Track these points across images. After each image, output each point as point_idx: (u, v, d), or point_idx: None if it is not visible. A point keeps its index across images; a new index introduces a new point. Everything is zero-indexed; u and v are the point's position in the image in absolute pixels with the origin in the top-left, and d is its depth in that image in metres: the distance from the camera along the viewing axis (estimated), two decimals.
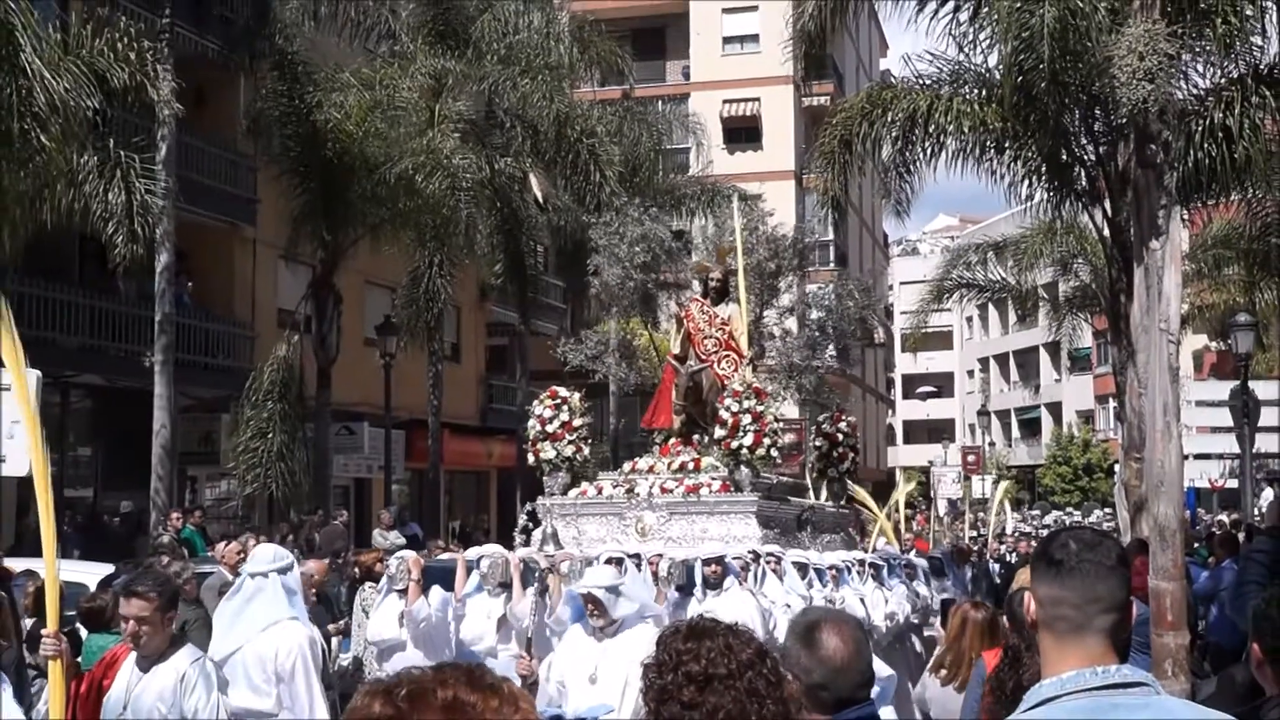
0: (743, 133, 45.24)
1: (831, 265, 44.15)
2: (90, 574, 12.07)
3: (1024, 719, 2.68)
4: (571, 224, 27.36)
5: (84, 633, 10.34)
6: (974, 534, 34.03)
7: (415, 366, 26.96)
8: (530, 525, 13.85)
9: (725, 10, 46.52)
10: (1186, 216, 16.79)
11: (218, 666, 6.65)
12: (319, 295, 23.99)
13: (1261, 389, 22.44)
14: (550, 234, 29.34)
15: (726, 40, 46.93)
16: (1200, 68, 14.51)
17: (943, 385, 78.35)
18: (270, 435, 20.72)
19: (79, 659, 9.80)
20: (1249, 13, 13.67)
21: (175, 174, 19.24)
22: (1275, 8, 14.01)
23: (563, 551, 11.66)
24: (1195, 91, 14.42)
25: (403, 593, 9.53)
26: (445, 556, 13.77)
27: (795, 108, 44.55)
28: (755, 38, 44.67)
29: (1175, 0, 13.53)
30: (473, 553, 11.22)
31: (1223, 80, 14.49)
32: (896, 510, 21.25)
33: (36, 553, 14.43)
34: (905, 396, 76.03)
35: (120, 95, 15.71)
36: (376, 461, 27.70)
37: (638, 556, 11.08)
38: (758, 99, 45.49)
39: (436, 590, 9.55)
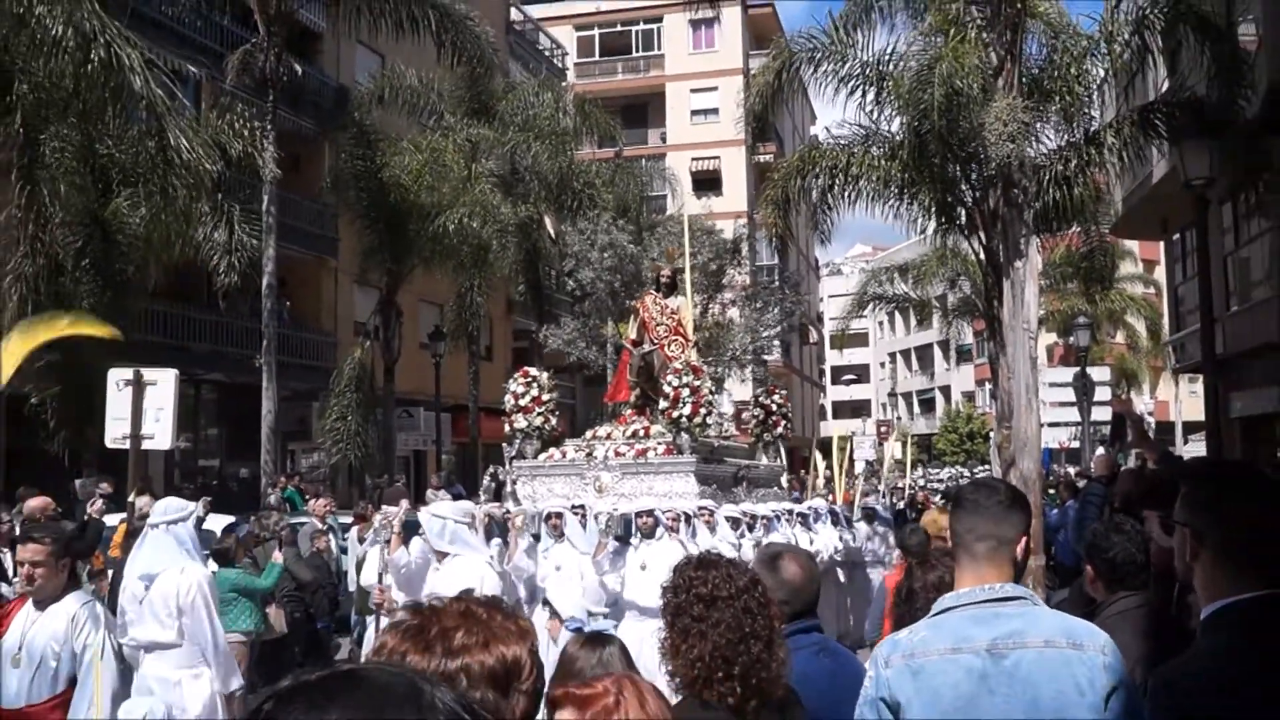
0: (707, 182, 45.25)
1: (776, 283, 44.36)
2: (219, 525, 12.19)
3: (928, 622, 2.66)
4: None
5: (214, 566, 10.46)
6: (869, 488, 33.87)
7: (458, 364, 26.99)
8: (493, 485, 12.92)
9: (693, 90, 46.65)
10: (1040, 243, 16.94)
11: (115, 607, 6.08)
12: (385, 310, 24.04)
13: (1096, 373, 22.60)
14: (560, 261, 29.39)
15: (694, 113, 46.97)
16: (1049, 132, 14.62)
17: (861, 374, 78.50)
18: (349, 418, 20.68)
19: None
20: (1081, 92, 13.87)
21: (276, 220, 19.27)
22: (1099, 90, 14.22)
23: (518, 507, 10.96)
24: (1045, 150, 14.52)
25: (388, 543, 8.56)
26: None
27: (747, 164, 44.62)
28: (716, 111, 44.72)
29: (1029, 82, 13.75)
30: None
31: (1065, 142, 14.60)
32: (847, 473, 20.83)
33: None
34: (833, 382, 75.96)
35: (236, 161, 15.81)
36: (429, 437, 27.75)
37: (583, 508, 10.32)
38: (718, 157, 45.52)
39: (416, 541, 8.42)
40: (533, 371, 13.89)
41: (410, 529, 8.59)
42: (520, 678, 1.62)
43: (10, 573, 8.43)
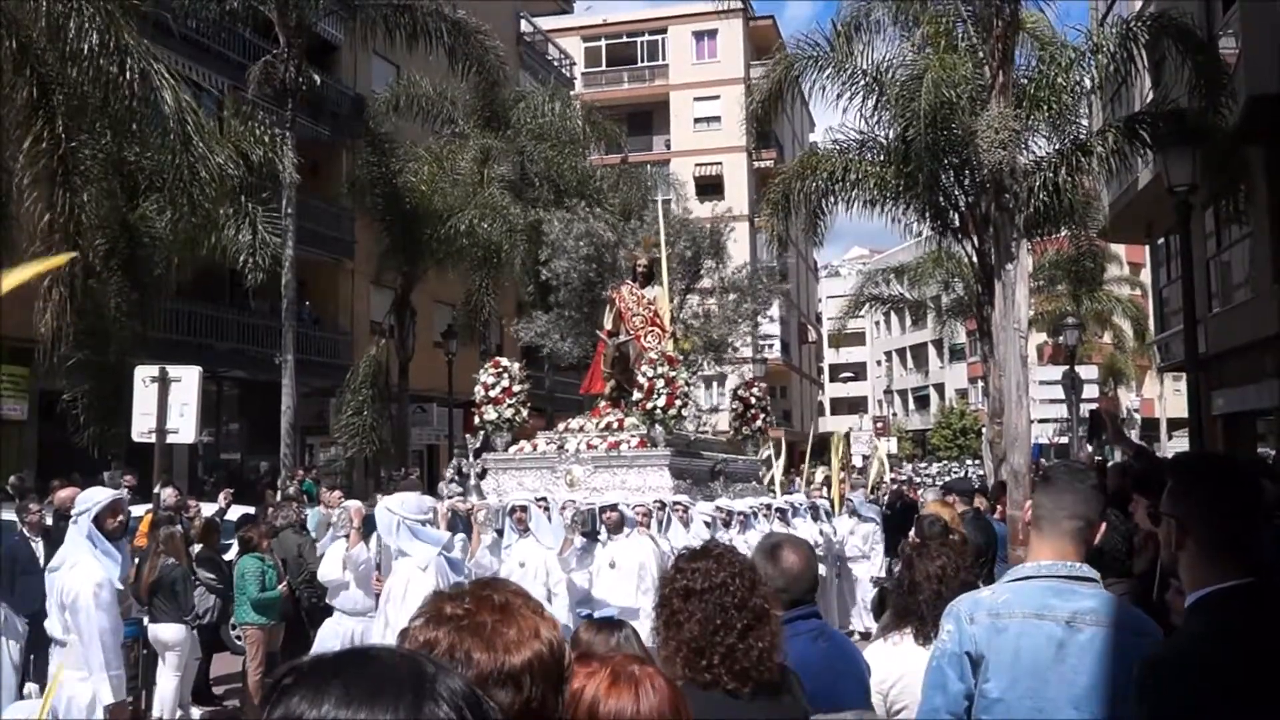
0: (710, 187, 45.14)
1: (778, 283, 44.32)
2: (241, 514, 12.25)
3: (1009, 585, 2.68)
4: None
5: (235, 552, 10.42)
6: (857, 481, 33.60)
7: (470, 361, 26.95)
8: (455, 479, 12.46)
9: (696, 99, 46.67)
10: (1030, 247, 16.91)
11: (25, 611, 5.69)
12: (399, 310, 24.07)
13: (1083, 371, 22.63)
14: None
15: (697, 120, 47.00)
16: (1039, 140, 14.63)
17: (858, 371, 78.39)
18: (365, 413, 20.63)
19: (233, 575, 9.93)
20: (1069, 102, 13.87)
21: (296, 224, 19.27)
22: (1086, 100, 14.21)
23: (482, 502, 10.56)
24: (1035, 157, 14.50)
25: (347, 538, 8.19)
26: None
27: (748, 169, 44.59)
28: (718, 118, 44.83)
29: (1018, 90, 13.74)
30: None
31: (1054, 149, 14.59)
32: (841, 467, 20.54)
33: (202, 498, 14.60)
34: (832, 380, 75.96)
35: (257, 167, 15.83)
36: (442, 431, 27.77)
37: (545, 500, 9.66)
38: (720, 163, 45.53)
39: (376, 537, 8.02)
40: (504, 362, 13.26)
41: (370, 525, 8.19)
42: (564, 666, 1.54)
43: (43, 560, 8.49)
